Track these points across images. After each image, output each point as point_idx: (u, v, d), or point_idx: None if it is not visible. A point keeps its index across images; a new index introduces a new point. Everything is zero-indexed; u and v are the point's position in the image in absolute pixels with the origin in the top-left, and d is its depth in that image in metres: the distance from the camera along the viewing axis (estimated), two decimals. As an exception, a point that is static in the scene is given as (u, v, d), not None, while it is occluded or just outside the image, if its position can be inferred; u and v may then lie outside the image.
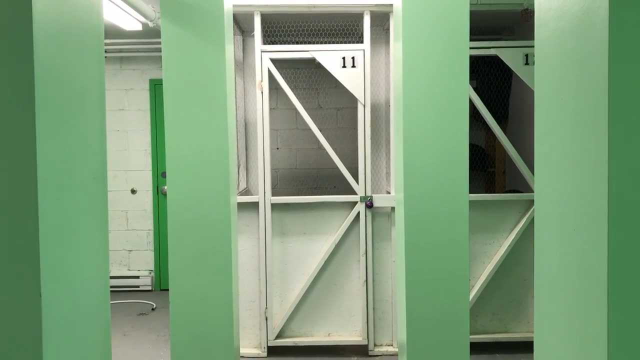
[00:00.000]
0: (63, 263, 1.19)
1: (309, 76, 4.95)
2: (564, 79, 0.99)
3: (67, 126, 1.22)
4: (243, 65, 4.78)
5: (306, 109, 4.25)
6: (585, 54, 0.91)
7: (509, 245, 4.11)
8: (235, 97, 4.03)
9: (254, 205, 4.13)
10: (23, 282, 1.08)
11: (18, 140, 1.06)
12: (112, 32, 5.17)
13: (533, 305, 2.44)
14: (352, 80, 4.10)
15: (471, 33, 3.03)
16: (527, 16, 4.02)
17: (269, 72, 4.10)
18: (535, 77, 1.14)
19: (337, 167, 4.20)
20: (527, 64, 4.07)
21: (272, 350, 4.19)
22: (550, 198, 1.09)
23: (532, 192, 4.04)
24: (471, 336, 3.89)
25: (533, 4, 3.14)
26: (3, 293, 1.08)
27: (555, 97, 1.02)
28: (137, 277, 6.05)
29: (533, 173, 2.54)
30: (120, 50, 5.87)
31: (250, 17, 4.16)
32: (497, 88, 5.00)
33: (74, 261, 1.24)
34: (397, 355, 4.08)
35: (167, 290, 5.73)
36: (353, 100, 4.34)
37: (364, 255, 4.14)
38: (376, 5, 4.02)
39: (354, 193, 4.16)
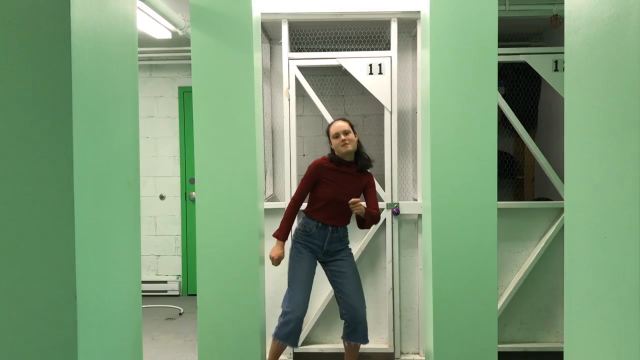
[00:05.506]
0: (98, 266, 1.22)
1: (335, 83, 4.97)
2: (595, 86, 0.98)
3: (103, 133, 1.26)
4: (270, 72, 4.83)
5: (333, 116, 4.27)
6: (616, 61, 0.90)
7: (538, 254, 4.06)
8: (263, 104, 4.07)
9: (280, 212, 4.15)
10: (59, 284, 1.11)
11: (56, 146, 1.10)
12: (142, 40, 5.27)
13: (563, 314, 2.41)
14: (379, 87, 4.10)
15: (500, 39, 3.02)
16: (556, 22, 3.97)
17: (296, 79, 4.13)
18: (565, 84, 1.13)
19: (363, 174, 4.19)
20: (556, 70, 4.02)
21: (297, 357, 4.19)
22: (580, 205, 1.08)
23: (562, 199, 3.98)
24: (499, 345, 3.84)
25: (562, 10, 3.11)
26: (40, 294, 1.11)
27: (585, 105, 1.01)
28: (165, 282, 6.11)
29: (562, 180, 2.51)
30: (150, 58, 5.97)
31: (277, 25, 4.20)
32: (526, 95, 4.95)
33: (108, 264, 1.28)
34: (423, 363, 4.05)
35: (194, 295, 5.79)
36: (379, 107, 4.34)
37: (390, 263, 4.12)
38: (403, 12, 4.03)
39: (380, 200, 4.15)
